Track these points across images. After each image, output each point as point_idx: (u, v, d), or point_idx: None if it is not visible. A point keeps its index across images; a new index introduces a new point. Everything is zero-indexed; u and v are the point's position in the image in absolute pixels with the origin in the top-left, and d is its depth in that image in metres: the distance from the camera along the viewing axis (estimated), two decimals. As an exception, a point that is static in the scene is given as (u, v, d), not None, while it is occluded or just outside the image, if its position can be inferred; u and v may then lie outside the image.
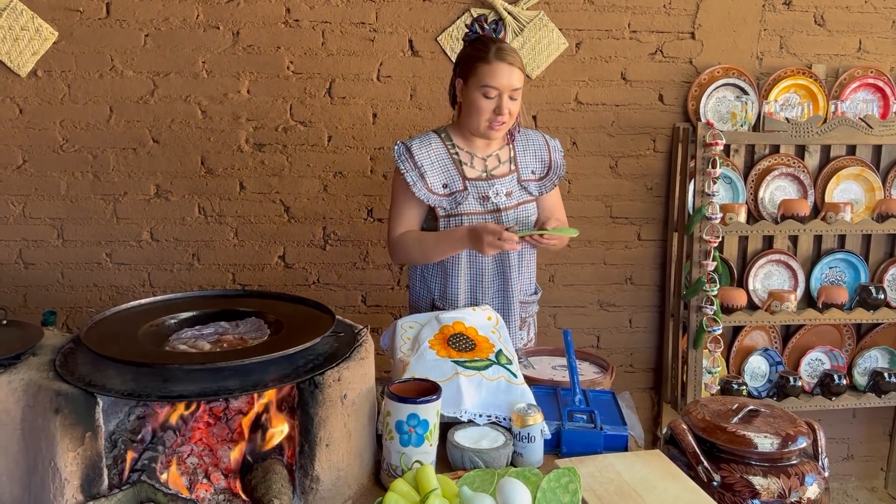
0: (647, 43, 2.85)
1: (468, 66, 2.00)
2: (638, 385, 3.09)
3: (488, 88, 1.96)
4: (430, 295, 2.16)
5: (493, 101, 1.98)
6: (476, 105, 1.99)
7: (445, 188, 2.06)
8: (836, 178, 2.92)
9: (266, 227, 2.83)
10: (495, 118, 2.00)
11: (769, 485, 1.62)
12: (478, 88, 1.98)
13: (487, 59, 1.96)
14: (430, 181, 2.04)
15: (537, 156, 2.17)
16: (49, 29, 2.61)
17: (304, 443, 1.39)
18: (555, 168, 2.18)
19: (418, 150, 2.06)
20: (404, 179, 2.04)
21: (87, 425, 1.28)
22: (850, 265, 2.98)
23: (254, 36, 2.70)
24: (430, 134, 2.12)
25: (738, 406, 1.77)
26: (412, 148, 2.06)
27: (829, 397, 2.90)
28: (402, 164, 2.04)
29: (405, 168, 2.04)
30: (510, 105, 1.99)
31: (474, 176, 2.08)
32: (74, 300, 2.82)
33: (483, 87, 1.97)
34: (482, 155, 2.11)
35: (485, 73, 1.96)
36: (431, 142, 2.09)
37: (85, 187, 2.75)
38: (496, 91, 1.97)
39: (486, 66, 1.96)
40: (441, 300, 2.14)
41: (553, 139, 2.22)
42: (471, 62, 2.00)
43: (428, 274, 2.15)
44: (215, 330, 1.59)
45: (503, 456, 1.50)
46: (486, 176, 2.09)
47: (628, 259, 3.00)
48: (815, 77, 2.88)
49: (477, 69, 1.97)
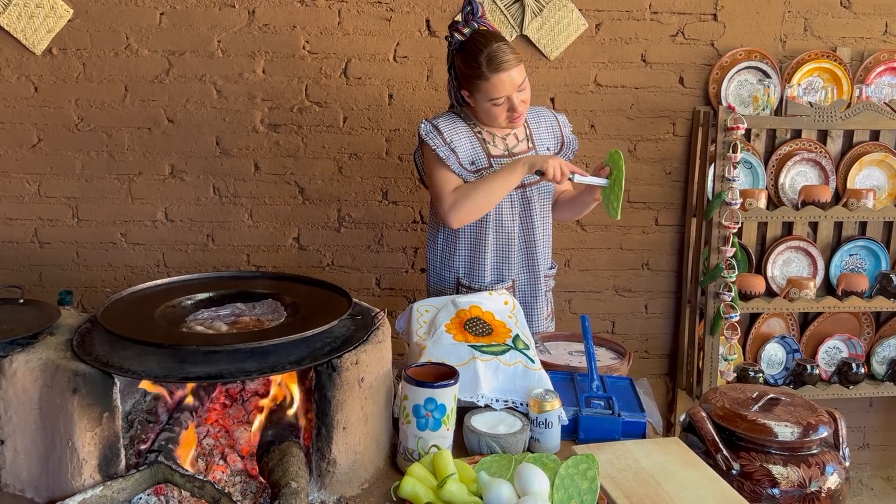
0: (668, 24, 2.80)
1: (468, 83, 2.01)
2: (653, 371, 3.07)
3: (495, 100, 1.98)
4: (454, 274, 2.16)
5: (503, 105, 2.00)
6: (489, 113, 2.03)
7: (472, 165, 2.06)
8: (858, 164, 2.87)
9: (281, 208, 2.82)
10: (511, 115, 2.03)
11: (789, 474, 1.60)
12: (485, 102, 2.00)
13: (484, 77, 1.95)
14: (461, 157, 2.05)
15: (551, 132, 2.19)
16: (64, 6, 2.59)
17: (321, 426, 1.39)
18: (568, 143, 2.21)
19: (445, 127, 2.06)
20: (437, 154, 2.03)
21: (104, 405, 1.28)
22: (870, 252, 2.93)
23: (269, 15, 2.67)
24: (450, 113, 2.12)
25: (759, 394, 1.74)
26: (440, 125, 2.06)
27: (846, 386, 2.87)
28: (431, 140, 2.03)
29: (436, 144, 2.03)
30: (521, 97, 2.00)
31: (497, 154, 2.09)
32: (89, 279, 2.83)
33: (490, 101, 1.99)
34: (502, 134, 2.12)
35: (487, 89, 1.97)
36: (456, 121, 2.09)
37: (100, 166, 2.74)
38: (503, 98, 1.98)
39: (484, 83, 1.96)
40: (467, 278, 2.14)
41: (560, 114, 2.23)
42: (469, 80, 2.00)
43: (453, 252, 2.14)
44: (232, 311, 1.58)
45: (520, 441, 1.49)
46: (508, 154, 2.10)
47: (645, 244, 2.97)
48: (839, 60, 2.83)
49: (478, 86, 1.98)
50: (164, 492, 1.33)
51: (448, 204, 2.02)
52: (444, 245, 2.17)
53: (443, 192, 2.04)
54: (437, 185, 2.05)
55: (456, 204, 2.01)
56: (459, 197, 2.01)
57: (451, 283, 2.17)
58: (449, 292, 2.15)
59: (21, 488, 1.35)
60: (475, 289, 2.12)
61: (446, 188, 2.04)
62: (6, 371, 1.30)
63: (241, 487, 1.38)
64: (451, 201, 2.02)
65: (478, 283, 2.13)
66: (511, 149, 2.11)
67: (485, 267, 2.12)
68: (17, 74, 2.64)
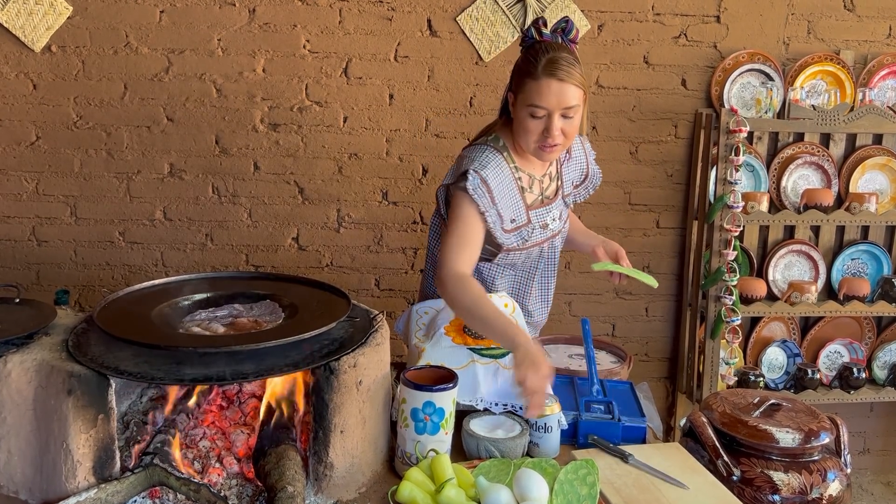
0: (670, 26, 2.79)
1: (517, 79, 1.73)
2: (653, 375, 3.05)
3: (535, 108, 1.68)
4: None
5: (541, 121, 1.69)
6: (523, 125, 1.72)
7: (513, 223, 1.81)
8: (861, 168, 2.86)
9: (280, 208, 2.81)
10: (544, 140, 1.71)
11: (790, 480, 1.59)
12: (524, 107, 1.70)
13: (535, 75, 1.67)
14: (504, 218, 1.78)
15: (577, 164, 1.97)
16: (64, 4, 2.57)
17: (318, 429, 1.37)
18: (591, 176, 2.01)
19: (494, 182, 1.75)
20: (481, 217, 1.73)
21: (99, 407, 1.27)
22: (872, 257, 2.92)
23: (270, 13, 2.65)
24: (494, 155, 1.78)
25: (760, 400, 1.73)
26: (489, 181, 1.74)
27: (847, 391, 2.86)
28: (480, 200, 1.72)
29: (484, 206, 1.72)
30: (563, 125, 1.69)
31: (532, 201, 1.85)
32: (87, 278, 2.81)
33: (529, 107, 1.69)
34: (539, 176, 1.86)
35: (531, 90, 1.68)
36: (501, 168, 1.78)
37: (98, 165, 2.73)
38: (544, 111, 1.68)
39: (531, 82, 1.68)
40: None
41: (585, 140, 2.00)
42: (520, 76, 1.72)
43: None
44: (229, 312, 1.57)
45: (519, 446, 1.47)
46: (541, 201, 1.87)
47: (646, 247, 2.95)
48: (842, 63, 2.81)
49: (524, 85, 1.70)
50: (159, 495, 1.31)
51: (446, 277, 1.68)
52: None
53: (453, 260, 1.70)
54: (452, 247, 1.72)
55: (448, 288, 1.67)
56: (459, 289, 1.65)
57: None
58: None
59: (15, 490, 1.33)
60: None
61: (459, 262, 1.70)
62: (0, 372, 1.29)
63: (237, 491, 1.37)
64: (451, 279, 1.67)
65: None
66: (544, 192, 1.87)
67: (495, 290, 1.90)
68: (16, 72, 2.63)
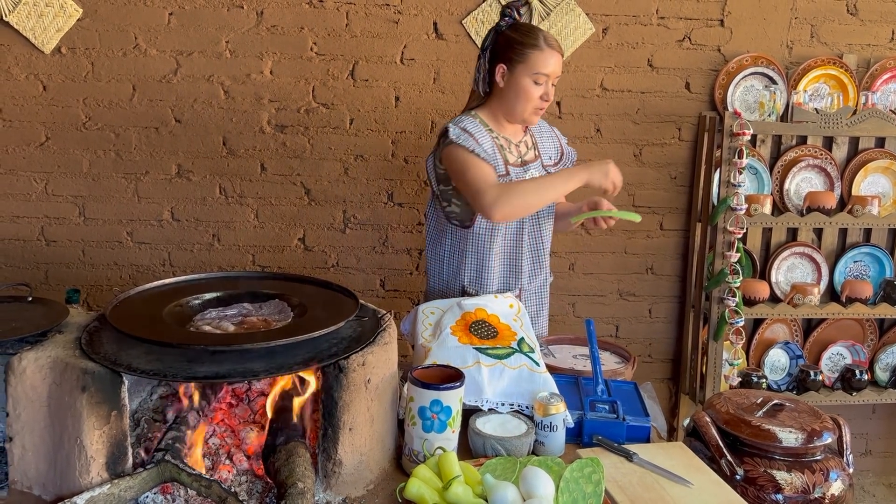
0: (674, 29, 2.80)
1: (516, 51, 1.97)
2: (656, 375, 3.07)
3: (540, 75, 1.96)
4: (459, 281, 2.10)
5: (542, 87, 1.98)
6: (526, 92, 1.98)
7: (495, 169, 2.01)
8: (863, 171, 2.87)
9: (286, 209, 2.83)
10: (541, 104, 2.00)
11: (793, 480, 1.60)
12: (529, 75, 1.96)
13: (539, 47, 1.95)
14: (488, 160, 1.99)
15: (552, 143, 2.19)
16: (73, 6, 2.60)
17: (327, 426, 1.39)
18: (567, 154, 2.20)
19: (473, 130, 1.98)
20: (473, 151, 1.94)
21: (112, 404, 1.29)
22: (875, 259, 2.93)
23: (278, 16, 2.68)
24: (468, 118, 2.03)
25: (763, 400, 1.74)
26: (468, 129, 1.98)
27: (849, 392, 2.87)
28: (464, 141, 1.94)
29: (472, 146, 1.94)
30: (552, 91, 2.01)
31: (512, 161, 2.06)
32: (95, 278, 2.84)
33: (535, 74, 1.96)
34: (515, 141, 2.09)
35: (537, 59, 1.95)
36: (478, 126, 2.01)
37: (107, 165, 2.75)
38: (546, 77, 1.97)
39: (538, 52, 1.95)
40: (473, 285, 2.08)
41: (553, 126, 2.25)
42: (520, 48, 1.96)
43: (461, 258, 2.08)
44: (239, 311, 1.59)
45: (525, 444, 1.49)
46: (521, 162, 2.07)
47: (650, 248, 2.97)
48: (845, 67, 2.83)
49: (528, 56, 1.95)
50: (170, 490, 1.33)
51: (492, 197, 1.89)
52: (451, 251, 2.10)
53: (484, 184, 1.91)
54: (476, 179, 1.92)
55: (502, 198, 1.89)
56: (507, 191, 1.90)
57: (455, 289, 2.11)
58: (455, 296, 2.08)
59: (29, 485, 1.35)
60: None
61: (488, 180, 1.92)
62: (15, 369, 1.31)
63: (248, 487, 1.39)
64: (495, 194, 1.89)
65: (485, 290, 2.06)
66: (523, 156, 2.09)
67: (492, 274, 2.07)
68: (26, 73, 2.66)
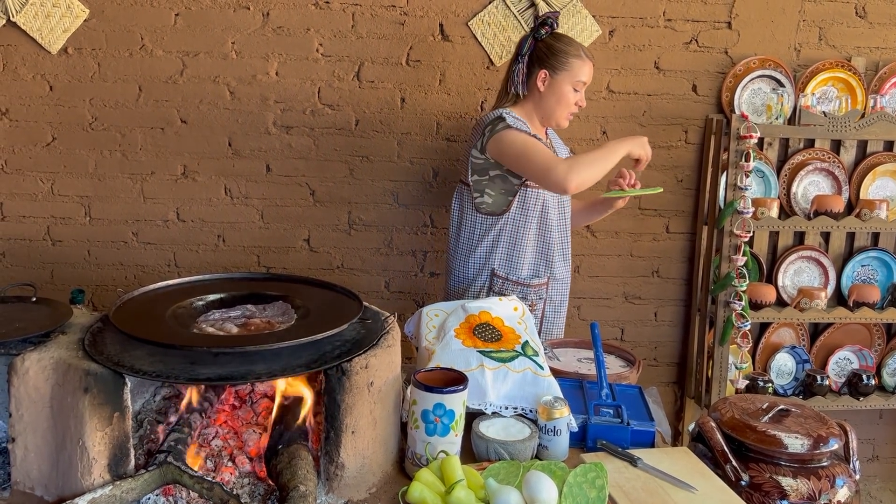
0: (681, 32, 2.79)
1: (559, 60, 2.15)
2: (661, 379, 3.05)
3: (579, 83, 2.16)
4: (489, 265, 2.22)
5: (578, 94, 2.19)
6: (566, 97, 2.17)
7: None
8: (871, 175, 2.85)
9: (291, 209, 2.83)
10: (575, 109, 2.21)
11: (798, 486, 1.59)
12: (570, 82, 2.15)
13: (581, 56, 2.15)
14: None
15: (562, 148, 2.36)
16: (80, 6, 2.61)
17: (329, 429, 1.39)
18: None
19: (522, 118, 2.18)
20: (531, 134, 2.10)
21: (115, 405, 1.28)
22: (883, 264, 2.91)
23: (284, 17, 2.68)
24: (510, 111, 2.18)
25: (769, 405, 1.73)
26: (519, 117, 2.17)
27: (856, 397, 2.85)
28: (521, 126, 2.11)
29: (527, 129, 2.12)
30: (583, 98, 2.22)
31: None
32: (100, 278, 2.84)
33: (576, 82, 2.16)
34: (544, 141, 2.24)
35: (580, 69, 2.15)
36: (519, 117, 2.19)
37: (113, 166, 2.76)
38: (583, 85, 2.18)
39: (580, 62, 2.15)
40: (504, 268, 2.21)
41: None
42: (564, 57, 2.15)
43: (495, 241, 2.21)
44: (242, 313, 1.59)
45: (529, 448, 1.48)
46: None
47: (656, 252, 2.96)
48: (854, 70, 2.81)
49: (572, 64, 2.15)
50: (172, 492, 1.33)
51: (564, 169, 2.00)
52: (481, 239, 2.21)
53: (553, 160, 2.04)
54: (544, 156, 2.05)
55: (574, 169, 2.00)
56: (576, 163, 2.02)
57: (483, 276, 2.23)
58: (478, 283, 2.23)
59: (31, 486, 1.35)
60: (511, 280, 2.20)
61: (554, 157, 2.07)
62: (18, 369, 1.31)
63: (250, 489, 1.39)
64: (566, 166, 2.01)
65: (515, 274, 2.20)
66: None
67: (523, 260, 2.20)
68: (33, 73, 2.66)
